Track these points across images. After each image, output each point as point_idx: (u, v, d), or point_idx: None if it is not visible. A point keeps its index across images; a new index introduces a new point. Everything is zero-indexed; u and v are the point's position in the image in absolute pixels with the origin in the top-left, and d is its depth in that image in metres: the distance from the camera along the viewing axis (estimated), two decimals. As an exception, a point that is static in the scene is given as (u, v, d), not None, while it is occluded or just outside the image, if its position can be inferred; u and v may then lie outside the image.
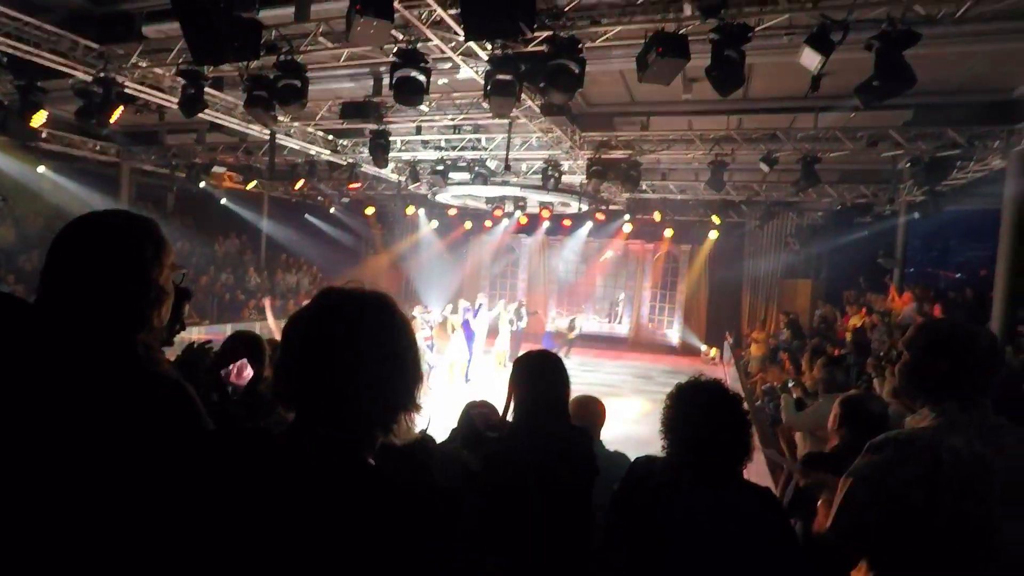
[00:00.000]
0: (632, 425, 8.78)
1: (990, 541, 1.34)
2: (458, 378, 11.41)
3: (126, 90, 7.41)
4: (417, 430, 1.89)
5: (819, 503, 1.69)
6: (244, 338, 2.68)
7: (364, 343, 0.92)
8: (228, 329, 13.57)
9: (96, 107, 7.34)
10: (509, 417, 2.23)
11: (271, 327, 9.00)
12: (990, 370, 1.50)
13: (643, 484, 1.68)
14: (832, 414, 2.73)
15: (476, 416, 2.81)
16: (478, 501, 2.00)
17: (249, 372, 2.25)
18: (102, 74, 7.02)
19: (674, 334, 18.16)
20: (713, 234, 15.44)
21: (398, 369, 0.94)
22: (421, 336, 10.04)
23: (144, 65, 7.05)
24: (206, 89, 7.27)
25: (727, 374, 13.96)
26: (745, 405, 1.69)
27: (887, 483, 1.40)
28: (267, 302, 10.15)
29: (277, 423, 1.97)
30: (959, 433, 1.41)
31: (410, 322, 1.01)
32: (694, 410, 1.64)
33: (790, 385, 5.58)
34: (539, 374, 2.19)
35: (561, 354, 2.81)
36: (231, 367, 2.21)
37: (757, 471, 4.69)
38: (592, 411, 3.09)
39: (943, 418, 1.45)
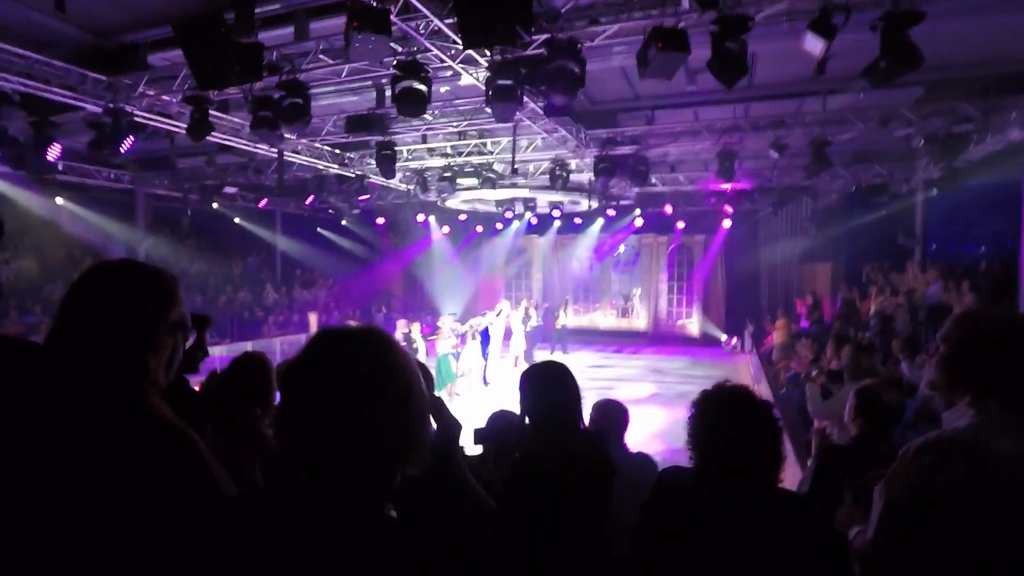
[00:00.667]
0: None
1: None
2: (477, 383, 11.45)
3: (135, 119, 7.54)
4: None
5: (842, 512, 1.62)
6: (251, 361, 2.65)
7: (370, 380, 0.90)
8: (249, 346, 13.76)
9: (107, 137, 7.49)
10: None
11: None
12: None
13: (670, 494, 1.65)
14: (848, 404, 2.70)
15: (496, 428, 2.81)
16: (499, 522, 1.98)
17: None
18: (111, 105, 7.16)
19: (693, 325, 18.00)
20: (727, 223, 15.28)
21: (406, 400, 0.93)
22: (448, 344, 10.17)
23: (151, 93, 7.17)
24: (213, 112, 7.38)
25: (749, 362, 13.81)
26: (776, 412, 1.61)
27: (928, 490, 1.33)
28: (312, 316, 10.29)
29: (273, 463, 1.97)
30: (1004, 435, 1.32)
31: (408, 353, 0.98)
32: (719, 418, 1.58)
33: (813, 374, 5.47)
34: (544, 384, 2.16)
35: (557, 351, 2.78)
36: None
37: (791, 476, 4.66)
38: (613, 416, 3.08)
39: (984, 417, 1.37)
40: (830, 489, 2.22)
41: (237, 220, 16.11)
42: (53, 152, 8.26)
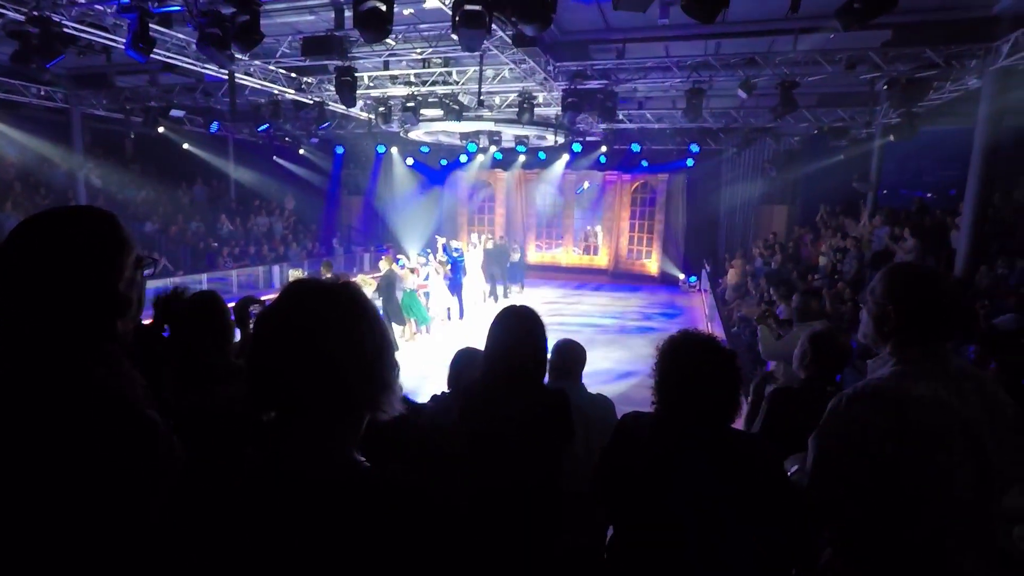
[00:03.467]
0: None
1: (949, 488, 1.37)
2: (450, 319, 11.54)
3: (65, 30, 6.87)
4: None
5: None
6: (206, 301, 2.59)
7: (344, 334, 0.92)
8: (204, 278, 13.36)
9: (33, 49, 6.81)
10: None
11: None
12: (950, 315, 1.49)
13: (630, 438, 1.69)
14: (800, 349, 2.79)
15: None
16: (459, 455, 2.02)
17: None
18: (35, 12, 6.48)
19: (653, 264, 18.35)
20: (690, 162, 15.33)
21: (378, 353, 0.95)
22: (413, 281, 10.12)
23: (82, 1, 6.52)
24: (155, 26, 6.78)
25: (704, 301, 14.28)
26: (738, 361, 1.65)
27: (858, 437, 1.41)
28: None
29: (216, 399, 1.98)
30: (923, 381, 1.41)
31: (374, 304, 1.00)
32: (684, 365, 1.61)
33: (765, 316, 5.71)
34: (507, 330, 2.14)
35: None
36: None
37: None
38: (572, 355, 3.13)
39: (906, 366, 1.46)
40: (781, 429, 2.34)
41: (186, 146, 15.21)
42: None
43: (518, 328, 2.15)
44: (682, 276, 17.31)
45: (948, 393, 1.40)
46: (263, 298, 2.67)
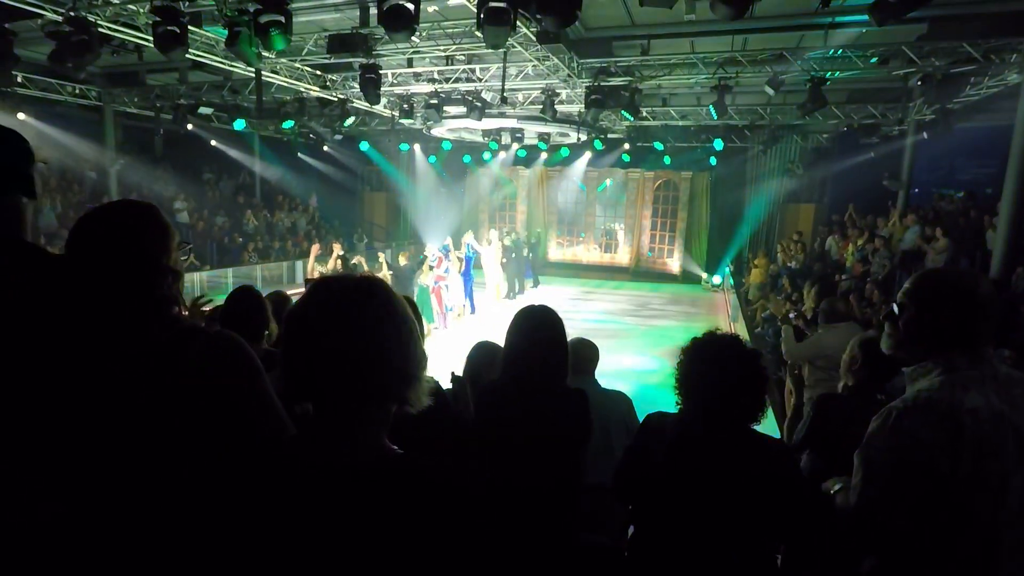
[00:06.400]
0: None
1: (1004, 497, 1.33)
2: (465, 314, 11.59)
3: (100, 29, 7.03)
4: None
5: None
6: (246, 296, 2.67)
7: (373, 333, 0.94)
8: (230, 273, 13.60)
9: (71, 49, 6.99)
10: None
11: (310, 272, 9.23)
12: (993, 317, 1.44)
13: (654, 440, 1.68)
14: (849, 355, 2.66)
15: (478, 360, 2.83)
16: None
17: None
18: (72, 13, 6.65)
19: (675, 262, 18.16)
20: (714, 160, 15.13)
21: (407, 350, 0.97)
22: (431, 277, 10.19)
23: (116, 1, 6.67)
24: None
25: (727, 301, 14.10)
26: (763, 361, 1.62)
27: (908, 453, 1.36)
28: (314, 247, 10.12)
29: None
30: (975, 390, 1.36)
31: (402, 300, 1.01)
32: (708, 366, 1.59)
33: (791, 316, 5.62)
34: (523, 331, 2.10)
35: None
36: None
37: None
38: (585, 354, 3.10)
39: (954, 374, 1.40)
40: (828, 437, 2.26)
41: (214, 143, 15.48)
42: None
43: (534, 329, 2.11)
44: (704, 275, 17.10)
45: (1000, 401, 1.36)
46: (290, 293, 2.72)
